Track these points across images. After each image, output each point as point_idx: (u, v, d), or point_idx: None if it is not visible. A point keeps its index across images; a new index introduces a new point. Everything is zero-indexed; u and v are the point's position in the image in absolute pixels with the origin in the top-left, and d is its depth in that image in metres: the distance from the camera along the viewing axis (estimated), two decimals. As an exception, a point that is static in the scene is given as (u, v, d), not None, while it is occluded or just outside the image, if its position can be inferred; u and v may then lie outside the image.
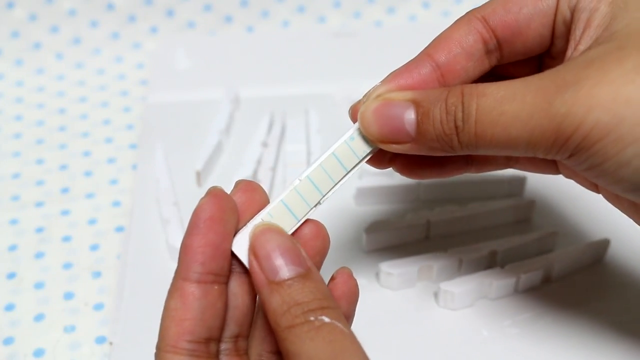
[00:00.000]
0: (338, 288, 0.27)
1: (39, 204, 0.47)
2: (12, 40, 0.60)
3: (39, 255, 0.44)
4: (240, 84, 0.56)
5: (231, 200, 0.26)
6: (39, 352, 0.38)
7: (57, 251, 0.44)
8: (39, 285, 0.42)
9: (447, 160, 0.33)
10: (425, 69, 0.29)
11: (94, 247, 0.44)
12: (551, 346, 0.37)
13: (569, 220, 0.44)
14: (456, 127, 0.27)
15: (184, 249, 0.25)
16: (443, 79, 0.29)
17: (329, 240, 0.28)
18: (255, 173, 0.47)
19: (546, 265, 0.39)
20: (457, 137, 0.27)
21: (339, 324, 0.24)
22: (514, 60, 0.31)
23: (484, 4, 0.30)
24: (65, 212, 0.47)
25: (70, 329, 0.40)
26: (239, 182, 0.28)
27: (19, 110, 0.56)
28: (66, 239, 0.45)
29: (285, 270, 0.25)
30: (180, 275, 0.25)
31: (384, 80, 0.30)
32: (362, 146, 0.29)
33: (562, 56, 0.29)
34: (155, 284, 0.32)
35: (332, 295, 0.26)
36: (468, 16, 0.30)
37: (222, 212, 0.26)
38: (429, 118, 0.27)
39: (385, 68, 0.31)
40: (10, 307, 0.41)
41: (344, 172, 0.29)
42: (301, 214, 0.28)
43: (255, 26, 0.64)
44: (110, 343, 0.38)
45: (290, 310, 0.24)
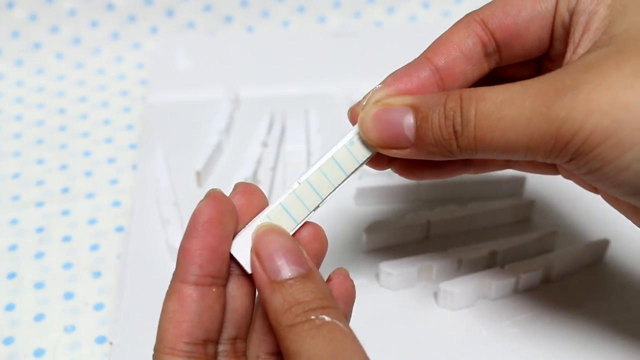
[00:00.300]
0: (335, 289, 0.27)
1: (39, 204, 0.48)
2: (12, 40, 0.60)
3: (39, 255, 0.44)
4: (240, 84, 0.56)
5: (230, 202, 0.26)
6: (39, 352, 0.38)
7: (57, 251, 0.44)
8: (39, 285, 0.42)
9: (446, 161, 0.33)
10: (424, 72, 0.29)
11: (94, 247, 0.44)
12: (551, 346, 0.37)
13: (569, 220, 0.44)
14: (455, 132, 0.27)
15: (182, 252, 0.25)
16: (442, 83, 0.29)
17: (327, 242, 0.28)
18: (255, 173, 0.47)
19: (546, 265, 0.39)
20: (456, 142, 0.27)
21: (339, 323, 0.24)
22: (513, 62, 0.31)
23: (483, 7, 0.30)
24: (65, 212, 0.47)
25: (70, 329, 0.40)
26: (238, 185, 0.28)
27: (19, 110, 0.56)
28: (66, 239, 0.45)
29: (287, 270, 0.25)
30: (178, 278, 0.25)
31: (383, 83, 0.30)
32: (361, 150, 0.29)
33: (561, 58, 0.29)
34: (155, 284, 0.32)
35: (332, 295, 0.26)
36: (467, 19, 0.30)
37: (221, 215, 0.26)
38: (427, 123, 0.27)
39: (385, 68, 0.31)
40: (10, 307, 0.41)
41: (344, 176, 0.29)
42: (300, 217, 0.28)
43: (255, 26, 0.64)
44: (110, 343, 0.38)
45: (291, 309, 0.24)
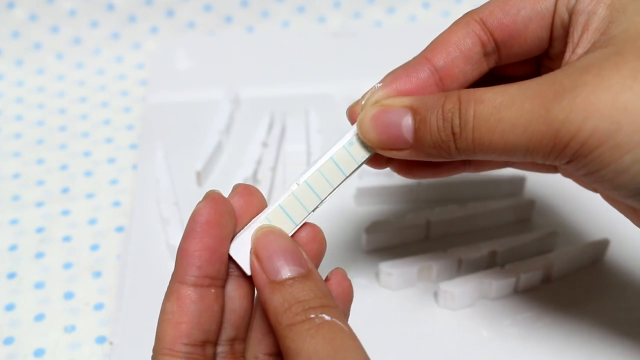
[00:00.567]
0: (333, 289, 0.27)
1: (39, 204, 0.48)
2: (12, 41, 0.60)
3: (39, 255, 0.44)
4: (240, 84, 0.56)
5: (229, 204, 0.26)
6: (39, 352, 0.38)
7: (57, 251, 0.44)
8: (39, 285, 0.42)
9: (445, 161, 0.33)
10: (424, 72, 0.29)
11: (94, 247, 0.44)
12: (551, 346, 0.37)
13: (569, 220, 0.44)
14: (453, 133, 0.27)
15: (180, 253, 0.25)
16: (441, 83, 0.29)
17: (326, 243, 0.28)
18: (255, 173, 0.47)
19: (546, 265, 0.39)
20: (455, 144, 0.27)
21: (339, 322, 0.24)
22: (512, 61, 0.31)
23: (482, 6, 0.30)
24: (65, 212, 0.47)
25: (70, 328, 0.40)
26: (237, 186, 0.28)
27: (19, 110, 0.56)
28: (66, 239, 0.45)
29: (287, 270, 0.25)
30: (177, 279, 0.25)
31: (382, 83, 0.29)
32: (360, 151, 0.29)
33: (561, 57, 0.29)
34: (155, 284, 0.32)
35: (332, 295, 0.26)
36: (466, 18, 0.30)
37: (220, 216, 0.26)
38: (425, 125, 0.27)
39: (385, 68, 0.31)
40: (10, 307, 0.41)
41: (343, 177, 0.29)
42: (299, 218, 0.28)
43: (255, 26, 0.64)
44: (110, 343, 0.38)
45: (291, 309, 0.24)
